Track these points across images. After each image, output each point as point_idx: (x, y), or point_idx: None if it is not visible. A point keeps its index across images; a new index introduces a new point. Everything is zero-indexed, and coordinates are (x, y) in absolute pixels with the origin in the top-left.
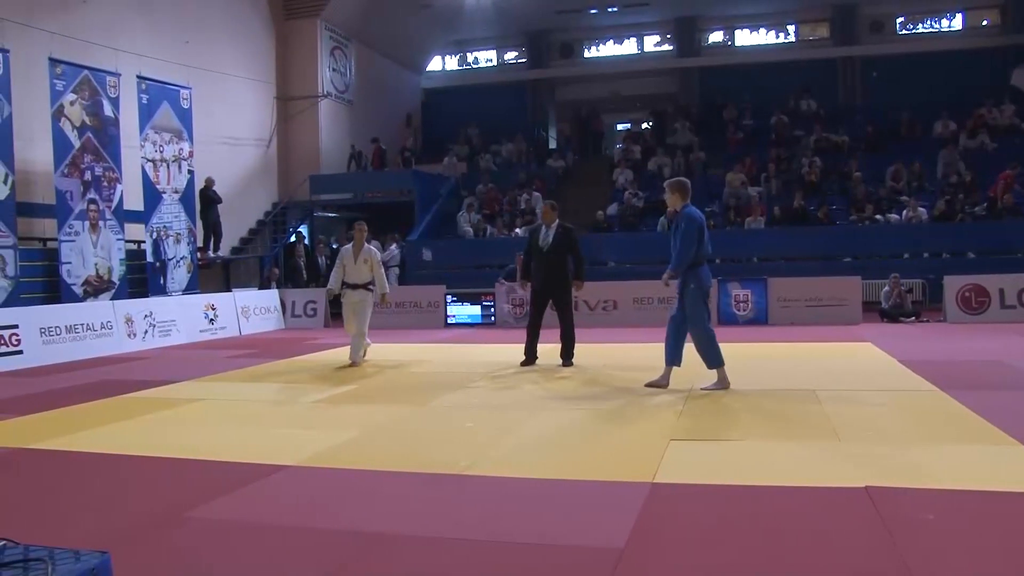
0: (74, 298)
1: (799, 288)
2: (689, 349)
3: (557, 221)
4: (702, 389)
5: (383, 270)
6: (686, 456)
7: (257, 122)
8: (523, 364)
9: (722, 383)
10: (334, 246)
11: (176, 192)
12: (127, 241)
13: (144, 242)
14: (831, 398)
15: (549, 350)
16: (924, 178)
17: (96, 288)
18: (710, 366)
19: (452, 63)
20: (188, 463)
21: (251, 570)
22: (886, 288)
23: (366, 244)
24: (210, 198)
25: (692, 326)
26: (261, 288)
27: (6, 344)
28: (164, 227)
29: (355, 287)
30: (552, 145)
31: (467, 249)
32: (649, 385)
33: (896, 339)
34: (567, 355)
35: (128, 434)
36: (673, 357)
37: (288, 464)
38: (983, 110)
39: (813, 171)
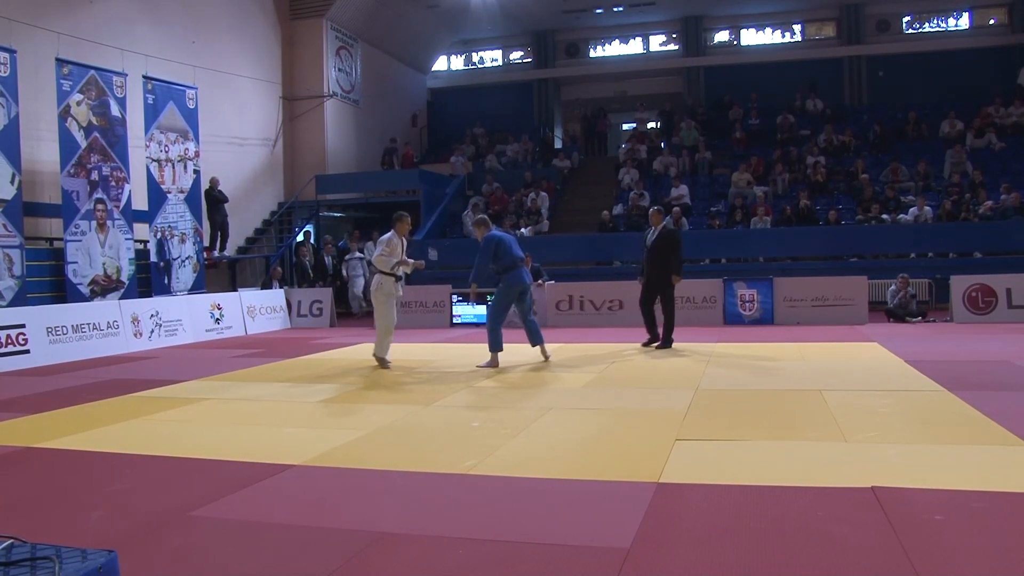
0: (80, 298)
1: (805, 288)
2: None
3: (663, 224)
4: (477, 366)
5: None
6: (692, 456)
7: (263, 122)
8: (644, 344)
9: (492, 363)
10: (341, 245)
11: (182, 192)
12: (133, 241)
13: (148, 242)
14: (837, 398)
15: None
16: (931, 178)
17: (104, 288)
18: (490, 349)
19: (458, 63)
20: (194, 462)
21: (257, 569)
22: (892, 287)
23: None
24: (215, 198)
25: (488, 315)
26: (263, 288)
27: (13, 343)
28: (169, 227)
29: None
30: (558, 145)
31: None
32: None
33: (902, 339)
34: (666, 339)
35: (134, 433)
36: (497, 344)
37: (294, 463)
38: (990, 109)
39: (819, 171)
